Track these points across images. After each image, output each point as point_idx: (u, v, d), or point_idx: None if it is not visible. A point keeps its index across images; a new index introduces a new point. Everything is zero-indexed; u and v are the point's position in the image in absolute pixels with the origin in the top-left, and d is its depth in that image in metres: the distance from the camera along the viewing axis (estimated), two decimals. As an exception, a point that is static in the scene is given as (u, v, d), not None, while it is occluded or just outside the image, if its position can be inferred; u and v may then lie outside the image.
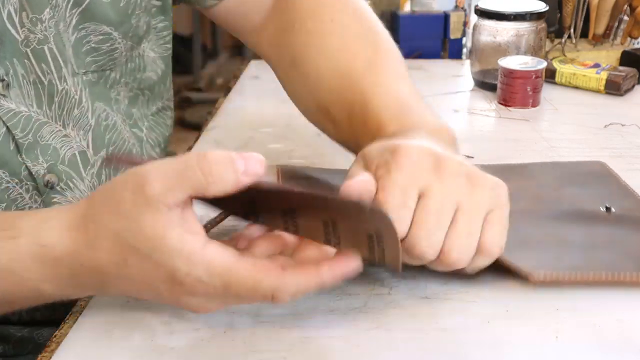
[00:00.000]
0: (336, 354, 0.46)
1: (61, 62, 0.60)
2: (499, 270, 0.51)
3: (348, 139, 0.63)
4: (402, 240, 0.46)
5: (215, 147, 0.80)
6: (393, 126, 0.56)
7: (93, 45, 0.62)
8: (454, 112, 0.93)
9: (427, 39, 1.18)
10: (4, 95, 0.57)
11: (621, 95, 0.96)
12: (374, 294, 0.52)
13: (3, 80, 0.57)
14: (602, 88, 0.96)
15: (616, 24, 1.10)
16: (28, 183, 0.60)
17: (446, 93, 1.01)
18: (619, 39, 1.11)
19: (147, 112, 0.71)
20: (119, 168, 0.51)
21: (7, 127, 0.57)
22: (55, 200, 0.61)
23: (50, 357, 0.46)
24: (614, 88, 0.96)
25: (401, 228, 0.46)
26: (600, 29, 1.10)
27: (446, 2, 1.21)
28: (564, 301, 0.51)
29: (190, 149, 0.81)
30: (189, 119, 2.70)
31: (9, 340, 0.64)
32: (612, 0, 1.08)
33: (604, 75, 0.96)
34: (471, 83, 1.04)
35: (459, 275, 0.52)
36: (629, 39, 1.09)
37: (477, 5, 1.01)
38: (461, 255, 0.47)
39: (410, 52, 1.18)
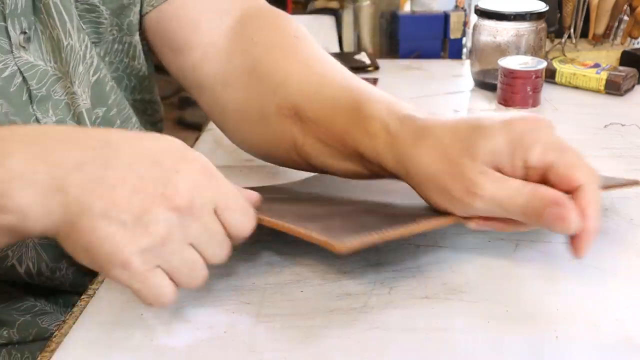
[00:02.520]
0: (336, 354, 0.46)
1: (66, 16, 0.60)
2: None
3: (325, 137, 0.59)
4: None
5: (215, 147, 0.80)
6: (398, 119, 0.54)
7: (80, 12, 0.63)
8: (454, 112, 0.93)
9: (427, 39, 1.18)
10: (24, 48, 0.58)
11: (621, 95, 0.96)
12: (374, 294, 0.52)
13: (25, 32, 0.58)
14: (602, 88, 0.96)
15: (616, 24, 1.10)
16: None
17: (446, 93, 1.01)
18: (619, 39, 1.11)
19: (129, 96, 0.71)
20: None
21: (24, 78, 0.58)
22: None
23: (50, 357, 0.46)
24: (614, 88, 0.96)
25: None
26: (600, 29, 1.10)
27: (446, 2, 1.21)
28: (564, 301, 0.51)
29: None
30: (189, 119, 2.70)
31: (13, 324, 0.64)
32: (612, 0, 1.08)
33: (604, 75, 0.96)
34: (471, 83, 1.04)
35: (459, 275, 0.52)
36: (629, 39, 1.09)
37: (477, 5, 1.01)
38: None
39: (410, 52, 1.19)
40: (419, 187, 0.52)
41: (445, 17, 1.18)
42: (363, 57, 1.13)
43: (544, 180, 0.48)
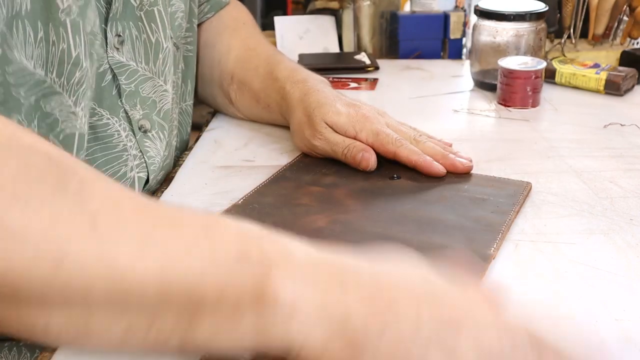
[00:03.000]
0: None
1: (167, 22, 0.70)
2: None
3: (250, 94, 0.85)
4: None
5: (215, 147, 0.80)
6: (293, 79, 0.79)
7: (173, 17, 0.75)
8: (454, 112, 0.93)
9: (427, 39, 1.18)
10: (117, 49, 0.65)
11: (621, 95, 0.96)
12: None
13: (119, 36, 0.65)
14: (601, 88, 0.96)
15: (616, 24, 1.10)
16: (124, 123, 0.66)
17: (446, 93, 1.01)
18: (618, 39, 1.11)
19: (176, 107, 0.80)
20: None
21: (114, 74, 0.65)
22: (146, 144, 0.69)
23: (50, 357, 0.46)
24: (613, 88, 0.96)
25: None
26: (600, 29, 1.10)
27: (446, 2, 1.21)
28: (564, 301, 0.51)
29: (190, 148, 0.81)
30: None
31: None
32: (611, 0, 1.08)
33: (603, 75, 0.96)
34: (471, 83, 1.04)
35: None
36: (628, 39, 1.09)
37: (477, 6, 1.01)
38: None
39: (410, 52, 1.19)
40: (291, 131, 0.78)
41: (445, 17, 1.18)
42: (363, 57, 1.13)
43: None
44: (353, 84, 1.05)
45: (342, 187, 0.68)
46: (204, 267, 0.35)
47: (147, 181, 0.69)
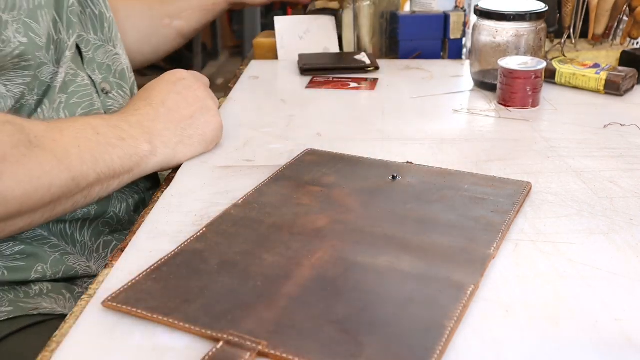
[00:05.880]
0: (336, 354, 0.46)
1: None
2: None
3: (190, 14, 1.12)
4: None
5: (215, 147, 0.80)
6: None
7: None
8: (454, 112, 0.93)
9: (427, 39, 1.18)
10: (77, 24, 0.77)
11: (621, 95, 0.96)
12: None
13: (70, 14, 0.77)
14: (601, 88, 0.96)
15: (615, 24, 1.10)
16: (91, 87, 0.78)
17: (446, 93, 1.01)
18: (618, 39, 1.11)
19: None
20: None
21: (77, 45, 0.78)
22: (109, 104, 0.81)
23: (50, 357, 0.46)
24: (613, 88, 0.96)
25: None
26: (600, 29, 1.10)
27: (446, 3, 1.21)
28: (564, 301, 0.51)
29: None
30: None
31: (46, 260, 0.73)
32: (611, 0, 1.08)
33: (603, 75, 0.96)
34: (471, 83, 1.04)
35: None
36: (628, 39, 1.09)
37: (476, 6, 1.01)
38: None
39: (410, 52, 1.19)
40: None
41: (445, 17, 1.18)
42: (363, 57, 1.13)
43: None
44: (353, 84, 1.05)
45: (342, 187, 0.68)
46: (113, 145, 0.67)
47: None
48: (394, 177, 0.70)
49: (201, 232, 0.59)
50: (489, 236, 0.58)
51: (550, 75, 1.00)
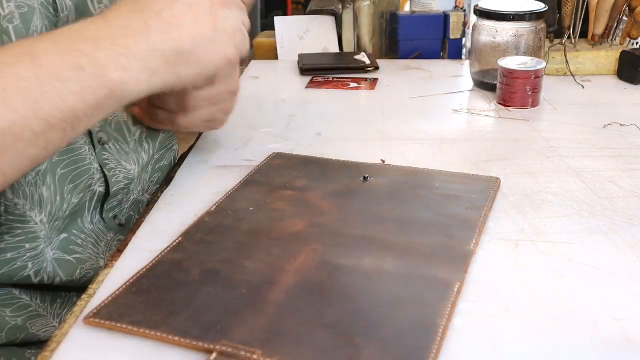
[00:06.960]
0: (336, 354, 0.46)
1: None
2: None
3: None
4: None
5: (215, 147, 0.80)
6: None
7: None
8: (454, 112, 0.93)
9: (427, 39, 1.19)
10: None
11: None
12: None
13: None
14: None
15: (615, 24, 1.10)
16: (85, 137, 0.66)
17: (446, 93, 1.01)
18: (618, 40, 1.11)
19: None
20: None
21: None
22: (105, 156, 0.69)
23: (50, 357, 0.46)
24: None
25: None
26: (600, 30, 1.10)
27: (446, 3, 1.22)
28: (564, 301, 0.51)
29: (190, 149, 0.81)
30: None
31: (2, 328, 0.64)
32: (611, 0, 1.08)
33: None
34: (471, 83, 1.04)
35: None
36: (628, 39, 1.09)
37: (476, 6, 1.01)
38: None
39: (410, 52, 1.19)
40: None
41: (445, 17, 1.18)
42: (363, 57, 1.13)
43: None
44: (353, 84, 1.05)
45: (315, 190, 0.67)
46: (62, 80, 0.50)
47: (107, 195, 0.69)
48: (365, 178, 0.69)
49: (177, 241, 0.58)
50: (467, 232, 0.59)
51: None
